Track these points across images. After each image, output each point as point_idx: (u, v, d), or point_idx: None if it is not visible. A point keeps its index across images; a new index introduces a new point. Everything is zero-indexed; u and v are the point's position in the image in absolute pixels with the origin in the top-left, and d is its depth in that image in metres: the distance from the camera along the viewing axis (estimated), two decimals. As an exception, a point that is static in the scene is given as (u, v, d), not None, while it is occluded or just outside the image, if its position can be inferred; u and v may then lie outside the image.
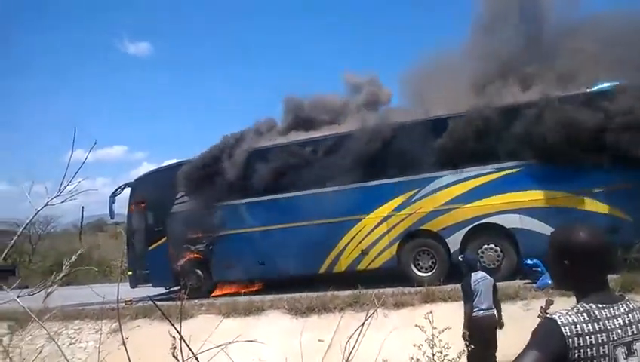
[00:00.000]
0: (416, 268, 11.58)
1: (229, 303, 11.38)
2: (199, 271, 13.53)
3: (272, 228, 12.64)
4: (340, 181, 11.97)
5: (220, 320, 10.65)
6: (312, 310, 10.29)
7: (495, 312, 6.82)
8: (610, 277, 8.47)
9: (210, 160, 13.27)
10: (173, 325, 2.42)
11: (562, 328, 1.79)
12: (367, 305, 9.59)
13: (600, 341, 1.80)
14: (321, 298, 10.54)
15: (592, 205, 10.09)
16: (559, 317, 1.83)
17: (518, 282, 9.98)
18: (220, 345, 2.93)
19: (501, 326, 6.82)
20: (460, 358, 5.30)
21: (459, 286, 9.82)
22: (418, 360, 5.37)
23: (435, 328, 5.50)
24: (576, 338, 1.79)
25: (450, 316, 7.42)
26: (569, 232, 2.00)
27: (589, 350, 1.79)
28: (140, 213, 14.65)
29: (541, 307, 4.51)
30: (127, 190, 15.13)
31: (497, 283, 9.77)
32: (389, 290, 10.45)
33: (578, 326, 1.80)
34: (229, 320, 10.61)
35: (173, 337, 2.44)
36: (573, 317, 1.83)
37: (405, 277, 11.45)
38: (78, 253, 3.68)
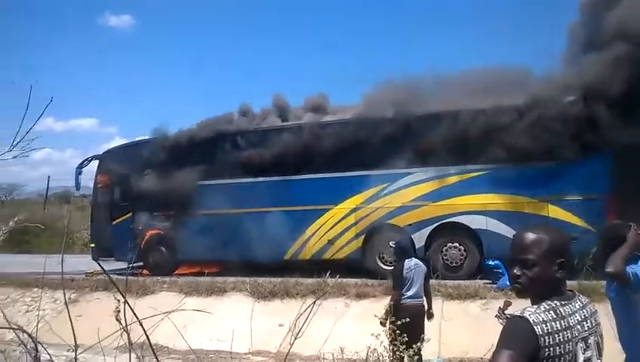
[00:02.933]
0: (381, 261, 11.68)
1: (191, 282, 11.33)
2: (163, 249, 13.44)
3: (240, 212, 12.59)
4: (311, 170, 12.02)
5: (181, 298, 10.62)
6: (275, 294, 10.31)
7: (424, 301, 6.70)
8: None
9: (184, 139, 13.13)
10: (119, 289, 2.39)
11: (535, 327, 1.79)
12: (330, 293, 9.67)
13: (566, 338, 1.83)
14: (284, 283, 10.57)
15: (557, 212, 10.29)
16: (530, 315, 1.83)
17: (479, 281, 10.16)
18: (165, 312, 2.91)
19: (430, 316, 6.74)
20: (414, 349, 5.35)
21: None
22: (375, 349, 5.43)
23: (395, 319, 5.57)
24: (547, 337, 1.80)
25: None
26: (558, 231, 2.02)
27: (557, 348, 1.81)
28: (107, 187, 14.44)
29: (499, 307, 4.58)
30: (95, 162, 14.89)
31: (460, 282, 10.06)
32: (352, 281, 10.52)
33: (548, 324, 1.81)
34: (190, 299, 10.57)
35: (118, 301, 2.41)
36: (542, 315, 1.83)
37: (369, 269, 11.55)
38: (16, 218, 3.59)
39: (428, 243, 11.21)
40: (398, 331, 5.45)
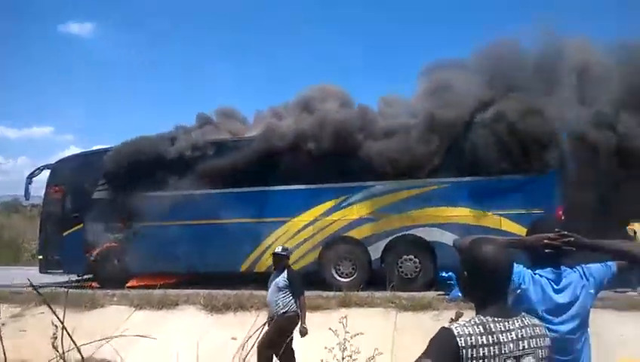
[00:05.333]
0: (337, 274, 11.67)
1: (143, 295, 11.04)
2: (115, 261, 13.11)
3: (196, 223, 12.42)
4: (269, 182, 11.96)
5: (131, 312, 10.35)
6: (229, 307, 10.14)
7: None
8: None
9: (139, 149, 12.87)
10: (54, 313, 2.27)
11: (457, 339, 1.85)
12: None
13: (492, 353, 1.87)
14: (239, 296, 10.41)
15: (510, 226, 10.47)
16: (456, 327, 1.89)
17: (432, 293, 10.25)
18: (104, 339, 2.80)
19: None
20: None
21: (377, 293, 10.09)
22: (328, 362, 5.37)
23: (348, 332, 5.53)
24: (470, 349, 1.85)
25: (364, 321, 7.53)
26: (471, 245, 2.07)
27: (481, 361, 1.85)
28: (58, 197, 14.02)
29: (451, 318, 4.60)
30: (47, 172, 14.47)
31: (414, 294, 10.11)
32: (308, 293, 10.43)
33: (473, 337, 1.86)
34: (141, 313, 10.30)
35: (55, 326, 2.28)
36: (469, 328, 1.88)
37: (325, 281, 11.52)
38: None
39: (384, 255, 11.28)
40: None
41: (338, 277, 11.61)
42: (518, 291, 2.63)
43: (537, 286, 2.66)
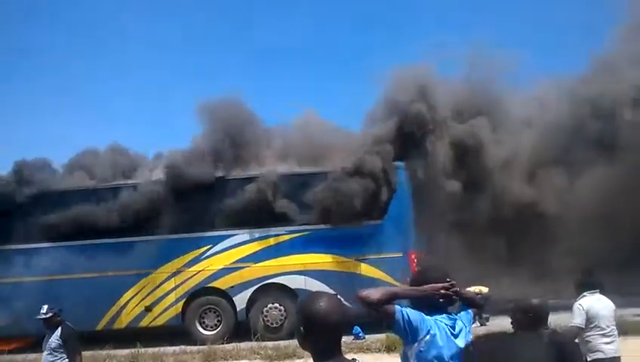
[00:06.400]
0: (201, 326, 11.41)
1: (-15, 363, 9.99)
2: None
3: (47, 279, 11.47)
4: (128, 233, 11.49)
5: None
6: (85, 371, 9.47)
7: None
8: (376, 337, 9.40)
9: None
10: None
11: None
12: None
13: None
14: (95, 357, 9.79)
15: (369, 270, 11.04)
16: None
17: (296, 341, 10.38)
18: None
19: None
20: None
21: (242, 344, 10.03)
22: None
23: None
24: None
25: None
26: (304, 301, 2.22)
27: None
28: None
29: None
30: None
31: (280, 343, 10.16)
32: (170, 349, 10.12)
33: None
34: (-18, 385, 9.31)
35: None
36: None
37: (189, 335, 11.22)
38: None
39: (249, 304, 11.26)
40: None
41: (203, 331, 11.36)
42: (427, 337, 2.80)
43: (442, 332, 2.86)
